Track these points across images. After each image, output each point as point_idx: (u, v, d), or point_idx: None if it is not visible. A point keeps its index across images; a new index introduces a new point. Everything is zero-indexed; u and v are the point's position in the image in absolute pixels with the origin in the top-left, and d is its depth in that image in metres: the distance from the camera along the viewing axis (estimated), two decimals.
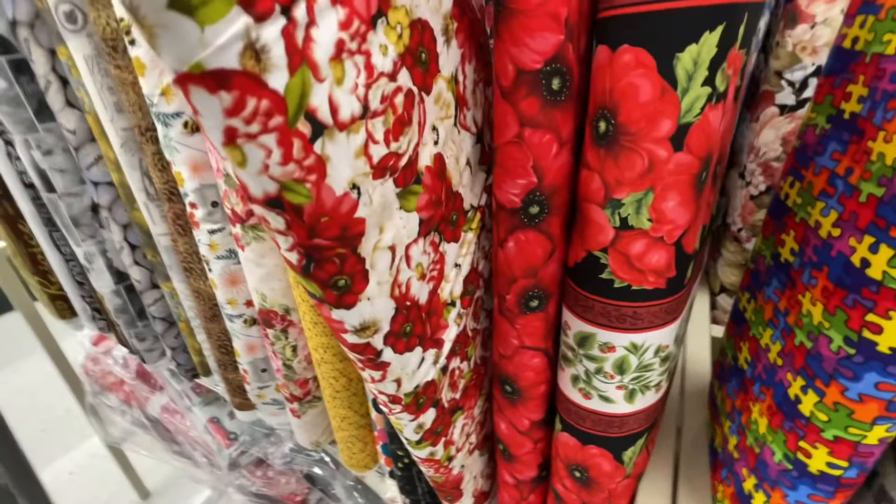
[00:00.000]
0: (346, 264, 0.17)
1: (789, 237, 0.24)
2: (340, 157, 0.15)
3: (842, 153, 0.20)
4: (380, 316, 0.20)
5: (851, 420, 0.19)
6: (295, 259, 0.16)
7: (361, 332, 0.20)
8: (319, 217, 0.16)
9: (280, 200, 0.15)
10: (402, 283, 0.21)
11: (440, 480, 0.33)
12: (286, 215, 0.15)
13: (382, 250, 0.19)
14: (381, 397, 0.24)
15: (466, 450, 0.34)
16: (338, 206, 0.16)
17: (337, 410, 0.42)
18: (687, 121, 0.18)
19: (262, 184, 0.14)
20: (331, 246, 0.17)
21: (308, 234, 0.16)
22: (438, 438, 0.29)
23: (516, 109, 0.20)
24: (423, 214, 0.20)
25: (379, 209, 0.18)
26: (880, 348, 0.18)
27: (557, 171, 0.22)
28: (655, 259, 0.21)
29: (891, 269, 0.17)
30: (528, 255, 0.24)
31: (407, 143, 0.18)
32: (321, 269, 0.17)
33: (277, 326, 0.40)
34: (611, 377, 0.25)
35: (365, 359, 0.21)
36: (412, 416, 0.26)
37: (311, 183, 0.15)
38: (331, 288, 0.18)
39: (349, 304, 0.19)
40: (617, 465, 0.28)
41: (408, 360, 0.23)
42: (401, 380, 0.23)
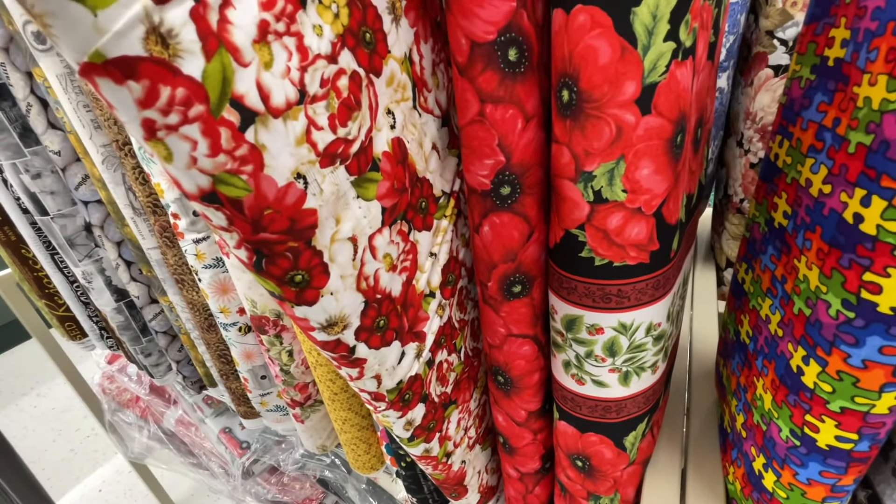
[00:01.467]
0: (300, 258, 0.17)
1: (781, 200, 0.22)
2: (279, 145, 0.14)
3: (828, 103, 0.19)
4: (347, 311, 0.19)
5: (857, 389, 0.18)
6: (245, 256, 0.16)
7: (329, 329, 0.19)
8: (262, 210, 0.15)
9: (216, 195, 0.14)
10: (368, 275, 0.20)
11: (441, 477, 0.32)
12: (225, 210, 0.14)
13: (342, 242, 0.18)
14: (363, 395, 0.24)
15: (466, 445, 0.33)
16: (282, 197, 0.15)
17: (337, 413, 0.41)
18: (652, 80, 0.17)
19: (194, 178, 0.13)
20: (280, 240, 0.16)
21: (253, 229, 0.15)
22: (432, 434, 0.28)
23: (475, 86, 0.19)
24: (385, 202, 0.20)
25: (332, 199, 0.17)
26: (881, 309, 0.16)
27: (526, 148, 0.21)
28: (635, 232, 0.20)
29: (885, 221, 0.15)
30: (504, 238, 0.23)
31: (357, 129, 0.17)
32: (274, 265, 0.16)
33: (270, 332, 0.39)
34: (602, 360, 0.24)
35: (338, 356, 0.21)
36: (399, 413, 0.25)
37: (247, 174, 0.14)
38: (288, 284, 0.17)
39: (310, 300, 0.18)
40: (619, 451, 0.27)
41: (385, 356, 0.22)
42: (380, 376, 0.22)
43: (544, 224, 0.23)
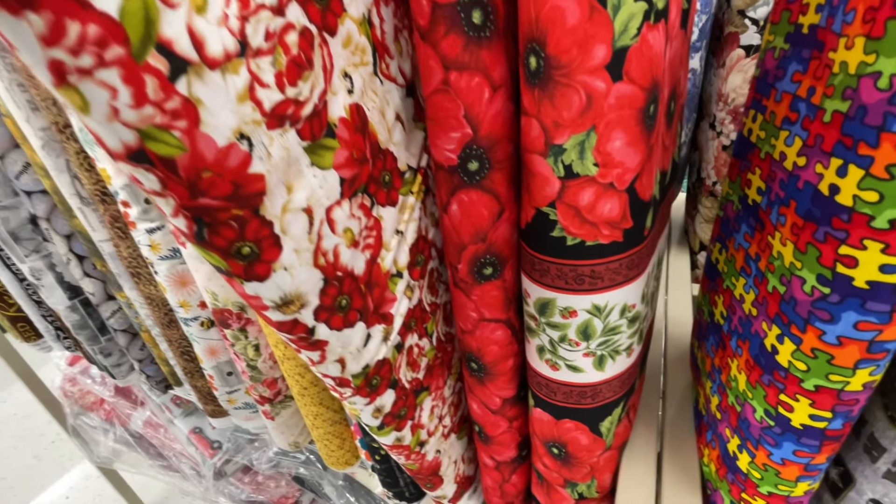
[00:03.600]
0: (247, 228, 0.15)
1: (755, 176, 0.22)
2: (217, 101, 0.13)
3: (803, 73, 0.18)
4: (304, 288, 0.18)
5: (832, 366, 0.18)
6: (184, 225, 0.14)
7: (284, 308, 0.17)
8: (200, 172, 0.13)
9: (144, 153, 0.12)
10: (327, 250, 0.18)
11: (414, 468, 0.31)
12: (157, 171, 0.13)
13: (295, 212, 0.16)
14: (327, 381, 0.22)
15: (440, 433, 0.32)
16: (222, 158, 0.14)
17: (308, 408, 0.40)
18: (623, 44, 0.16)
19: (117, 133, 0.12)
20: (223, 206, 0.14)
21: (190, 193, 0.13)
22: (403, 422, 0.27)
23: (438, 51, 0.18)
24: (343, 173, 0.18)
25: (282, 165, 0.15)
26: (857, 283, 0.16)
27: (493, 120, 0.19)
28: (608, 209, 0.19)
29: (862, 191, 0.15)
30: (473, 217, 0.22)
31: (309, 90, 0.16)
32: (217, 235, 0.15)
33: (234, 326, 0.37)
34: (576, 344, 0.23)
35: (297, 338, 0.19)
36: (366, 400, 0.24)
37: (180, 130, 0.13)
38: (234, 257, 0.15)
39: (261, 275, 0.16)
40: (595, 437, 0.27)
41: (349, 338, 0.21)
42: (344, 360, 0.21)
43: (515, 203, 0.22)
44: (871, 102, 0.14)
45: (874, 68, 0.14)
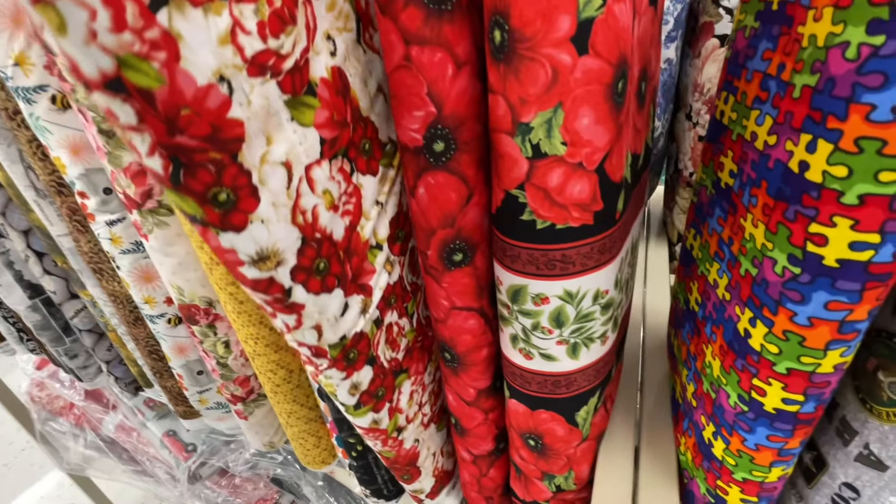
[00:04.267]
0: (224, 174, 0.15)
1: (727, 158, 0.21)
2: (198, 38, 0.13)
3: (773, 50, 0.18)
4: (281, 245, 0.17)
5: (803, 348, 0.17)
6: (159, 166, 0.14)
7: (261, 264, 0.17)
8: (178, 108, 0.13)
9: (122, 82, 0.12)
10: (305, 209, 0.18)
11: (391, 455, 0.30)
12: (134, 102, 0.12)
13: (274, 165, 0.16)
14: (302, 351, 0.21)
15: (419, 421, 0.31)
16: (202, 98, 0.13)
17: (282, 406, 0.38)
18: (588, 15, 0.15)
19: (94, 58, 0.11)
20: (201, 147, 0.14)
21: (168, 130, 0.13)
22: (381, 403, 0.26)
23: (397, 24, 0.17)
24: (323, 133, 0.18)
25: (262, 114, 0.15)
26: (826, 262, 0.15)
27: (459, 98, 0.19)
28: (577, 190, 0.18)
29: (831, 166, 0.14)
30: (441, 201, 0.21)
31: (291, 45, 0.15)
32: (193, 178, 0.14)
33: (202, 322, 0.36)
34: (549, 332, 0.22)
35: (272, 299, 0.18)
36: (343, 374, 0.23)
37: (159, 62, 0.12)
38: (211, 203, 0.15)
39: (237, 225, 0.16)
40: (571, 428, 0.26)
41: (326, 304, 0.20)
42: (321, 326, 0.20)
43: (485, 186, 0.21)
44: (840, 74, 0.14)
45: (842, 38, 0.13)
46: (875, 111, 0.13)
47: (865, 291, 0.15)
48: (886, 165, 0.13)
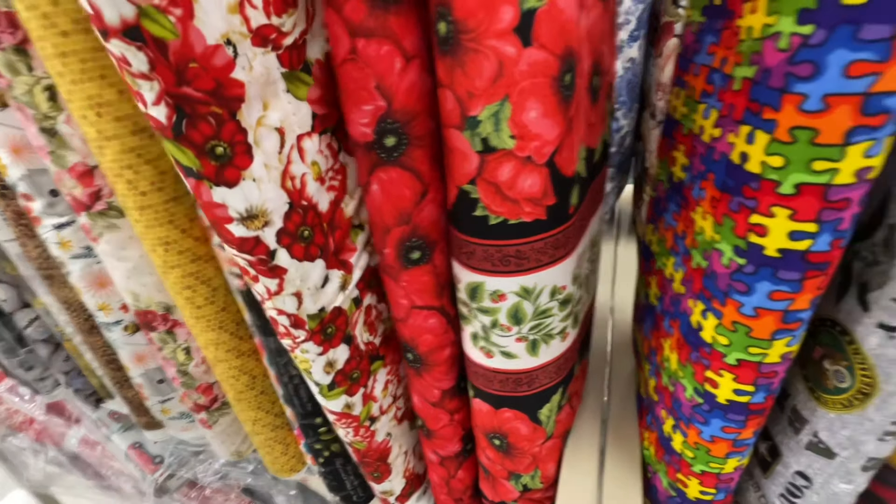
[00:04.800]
0: (223, 128, 0.16)
1: (680, 153, 0.22)
2: (211, 3, 0.15)
3: (717, 44, 0.18)
4: (270, 206, 0.19)
5: (750, 339, 0.17)
6: (164, 115, 0.15)
7: (249, 222, 0.18)
8: (188, 60, 0.15)
9: (139, 30, 0.14)
10: (295, 175, 0.19)
11: (362, 447, 0.30)
12: (148, 50, 0.14)
13: (268, 128, 0.18)
14: (280, 321, 0.22)
15: (393, 414, 0.31)
16: (210, 55, 0.15)
17: (246, 413, 0.37)
18: (530, 6, 0.15)
19: (117, 5, 0.13)
20: (204, 100, 0.16)
21: (177, 79, 0.15)
22: (356, 387, 0.26)
23: (342, 16, 0.17)
24: (315, 108, 0.20)
25: (261, 80, 0.17)
26: (767, 252, 0.16)
27: (408, 92, 0.18)
28: (528, 184, 0.18)
29: (769, 157, 0.14)
30: (395, 197, 0.20)
31: (292, 25, 0.17)
32: (195, 129, 0.16)
33: (161, 328, 0.35)
34: (508, 329, 0.22)
35: (256, 260, 0.19)
36: (320, 349, 0.23)
37: (175, 17, 0.14)
38: (208, 156, 0.16)
39: (230, 180, 0.17)
40: (535, 426, 0.26)
41: (308, 272, 0.21)
42: (301, 294, 0.21)
43: (441, 182, 0.21)
44: (774, 64, 0.14)
45: (775, 29, 0.13)
46: (807, 101, 0.13)
47: (806, 280, 0.16)
48: (820, 154, 0.13)
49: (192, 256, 0.29)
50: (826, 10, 0.12)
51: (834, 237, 0.15)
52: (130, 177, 0.25)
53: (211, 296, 0.31)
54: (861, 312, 0.17)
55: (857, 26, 0.12)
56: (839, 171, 0.13)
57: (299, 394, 0.31)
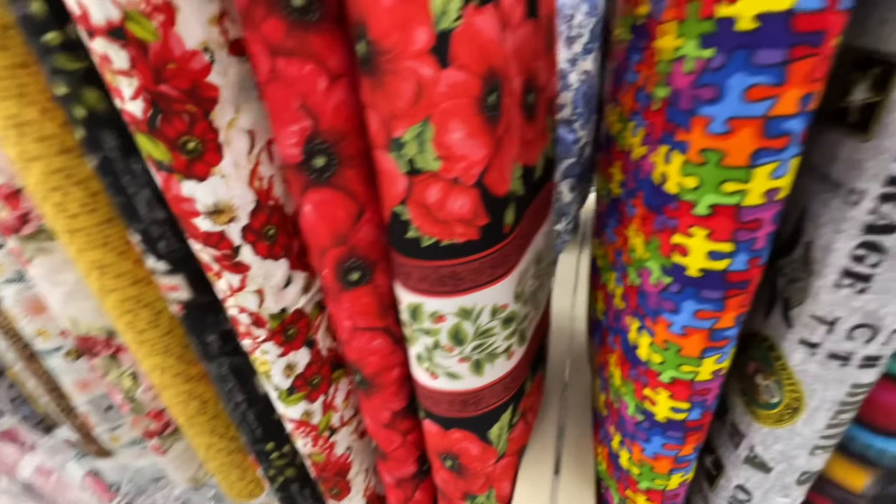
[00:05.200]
0: (196, 125, 0.17)
1: (616, 169, 0.22)
2: (192, 12, 0.16)
3: (641, 62, 0.18)
4: (237, 202, 0.19)
5: (681, 357, 0.17)
6: (139, 109, 0.16)
7: (215, 216, 0.19)
8: (167, 62, 0.16)
9: (123, 31, 0.15)
10: (263, 176, 0.20)
11: (321, 460, 0.29)
12: (130, 49, 0.15)
13: (239, 130, 0.19)
14: (241, 319, 0.22)
15: (354, 428, 0.30)
16: (188, 59, 0.16)
17: (199, 439, 0.36)
18: (445, 27, 0.15)
19: (105, 8, 0.14)
20: (180, 98, 0.17)
21: (154, 77, 0.16)
22: (315, 394, 0.26)
23: (260, 35, 0.16)
24: None
25: (236, 86, 0.18)
26: (689, 272, 0.16)
27: (336, 112, 0.18)
28: (458, 205, 0.18)
29: (684, 178, 0.14)
30: (329, 218, 0.20)
31: None
32: (169, 125, 0.17)
33: (103, 354, 0.33)
34: (450, 350, 0.22)
35: (221, 255, 0.20)
36: (280, 350, 0.23)
37: (158, 22, 0.15)
38: (179, 150, 0.17)
39: (200, 174, 0.18)
40: (485, 446, 0.26)
41: (271, 270, 0.22)
42: (263, 292, 0.22)
43: (378, 202, 0.21)
44: (683, 87, 0.14)
45: (681, 52, 0.14)
46: (712, 123, 0.13)
47: (728, 299, 0.16)
48: (728, 176, 0.13)
49: (132, 280, 0.28)
50: (723, 34, 0.12)
51: (750, 256, 0.15)
52: (58, 199, 0.24)
53: (154, 319, 0.30)
54: (786, 328, 0.17)
55: (751, 51, 0.12)
56: (748, 192, 0.13)
57: (247, 420, 0.30)
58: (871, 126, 0.13)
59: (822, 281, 0.15)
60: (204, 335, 0.26)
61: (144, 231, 0.22)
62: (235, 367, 0.28)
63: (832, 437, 0.18)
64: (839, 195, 0.14)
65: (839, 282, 0.15)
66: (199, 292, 0.24)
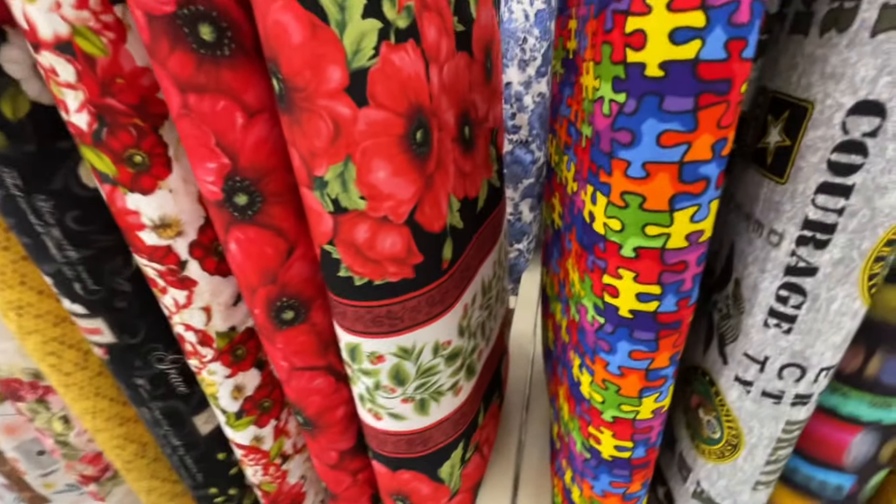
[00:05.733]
0: (144, 140, 0.17)
1: (556, 201, 0.22)
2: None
3: (572, 97, 0.18)
4: (185, 217, 0.19)
5: (621, 397, 0.17)
6: (84, 122, 0.16)
7: (161, 231, 0.18)
8: (115, 77, 0.16)
9: (71, 46, 0.15)
10: None
11: (272, 490, 0.27)
12: (77, 63, 0.15)
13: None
14: (187, 337, 0.21)
15: (308, 455, 0.28)
16: (137, 76, 0.16)
17: (140, 483, 0.34)
18: (360, 65, 0.14)
19: (53, 23, 0.14)
20: (127, 112, 0.16)
21: (101, 91, 0.16)
22: (266, 418, 0.25)
23: (167, 70, 0.15)
24: None
25: None
26: (622, 313, 0.15)
27: (256, 149, 0.17)
28: (389, 244, 0.17)
29: (608, 219, 0.14)
30: (256, 257, 0.19)
31: None
32: (114, 138, 0.16)
33: (29, 398, 0.31)
34: (391, 391, 0.21)
35: (166, 270, 0.19)
36: (227, 371, 0.22)
37: (108, 39, 0.15)
38: (125, 163, 0.17)
39: (146, 188, 0.18)
40: (436, 485, 0.25)
41: (220, 288, 0.21)
42: (211, 310, 0.21)
43: (311, 238, 0.20)
44: (602, 129, 0.13)
45: (600, 93, 0.13)
46: (630, 167, 0.13)
47: (661, 340, 0.15)
48: (650, 220, 0.13)
49: (55, 319, 0.26)
50: (634, 80, 0.12)
51: (678, 298, 0.14)
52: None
53: (82, 361, 0.28)
54: (722, 365, 0.17)
55: (660, 98, 0.11)
56: (671, 235, 0.13)
57: (185, 464, 0.28)
58: (786, 170, 0.13)
59: (752, 320, 0.15)
60: (132, 379, 0.24)
61: (57, 273, 0.20)
62: (169, 411, 0.26)
63: (772, 472, 0.17)
64: (762, 235, 0.14)
65: (767, 321, 0.14)
66: (123, 334, 0.23)
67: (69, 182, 0.20)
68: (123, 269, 0.22)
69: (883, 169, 0.11)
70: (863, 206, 0.12)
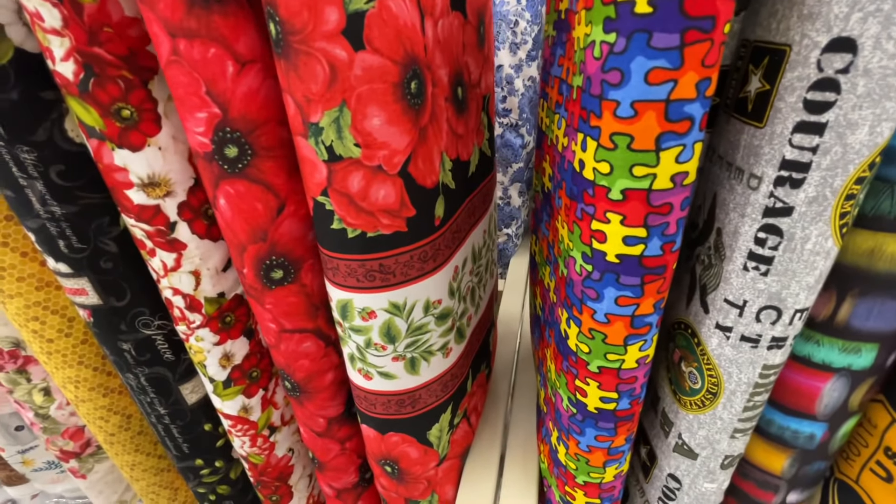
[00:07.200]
0: (132, 93, 0.17)
1: (547, 163, 0.22)
2: None
3: (563, 56, 0.18)
4: (174, 177, 0.19)
5: (607, 345, 0.17)
6: (70, 71, 0.15)
7: (150, 189, 0.18)
8: (103, 25, 0.15)
9: None
10: None
11: (260, 461, 0.27)
12: (63, 8, 0.15)
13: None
14: (175, 301, 0.21)
15: (297, 428, 0.28)
16: (127, 26, 0.16)
17: (122, 458, 0.33)
18: (357, 8, 0.14)
19: None
20: (115, 63, 0.16)
21: (88, 39, 0.15)
22: (254, 388, 0.25)
23: (157, 14, 0.15)
24: None
25: None
26: (608, 258, 0.16)
27: (248, 99, 0.17)
28: (382, 195, 0.17)
29: (597, 163, 0.15)
30: (246, 212, 0.19)
31: None
32: (102, 89, 0.16)
33: (9, 368, 0.30)
34: (382, 348, 0.21)
35: (154, 231, 0.19)
36: (216, 338, 0.22)
37: None
38: (113, 117, 0.17)
39: (134, 144, 0.17)
40: (425, 448, 0.25)
41: (210, 251, 0.21)
42: (200, 273, 0.21)
43: (302, 195, 0.20)
44: (593, 72, 0.14)
45: (591, 38, 0.14)
46: (620, 107, 0.13)
47: (646, 285, 0.16)
48: (638, 160, 0.14)
49: (37, 283, 0.26)
50: (623, 18, 0.12)
51: (663, 241, 0.15)
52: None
53: (66, 327, 0.27)
54: (703, 314, 0.17)
55: (648, 34, 0.12)
56: (657, 176, 0.14)
57: (171, 434, 0.28)
58: (765, 113, 0.13)
59: (732, 265, 0.16)
60: (117, 344, 0.24)
61: (40, 229, 0.20)
62: (156, 378, 0.26)
63: (749, 419, 0.18)
64: (742, 181, 0.15)
65: (746, 264, 0.15)
66: (108, 296, 0.22)
67: (54, 134, 0.20)
68: (110, 228, 0.22)
69: (854, 105, 0.12)
70: (835, 142, 0.12)
